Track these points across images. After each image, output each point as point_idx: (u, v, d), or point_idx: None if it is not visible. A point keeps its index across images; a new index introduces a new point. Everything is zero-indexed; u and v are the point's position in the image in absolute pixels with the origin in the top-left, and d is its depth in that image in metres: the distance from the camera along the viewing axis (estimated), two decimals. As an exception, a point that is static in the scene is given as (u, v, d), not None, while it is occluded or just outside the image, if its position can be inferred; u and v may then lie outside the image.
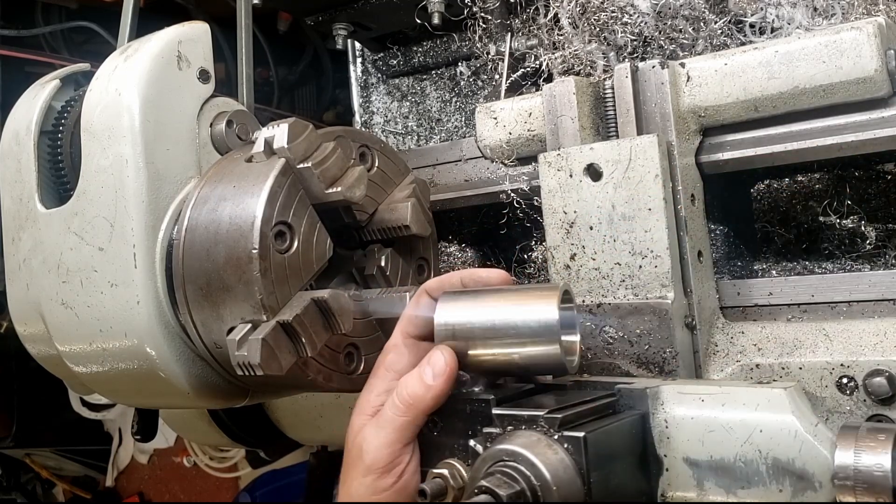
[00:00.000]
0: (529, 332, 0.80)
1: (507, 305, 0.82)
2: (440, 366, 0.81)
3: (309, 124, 0.91)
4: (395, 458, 0.82)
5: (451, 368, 0.82)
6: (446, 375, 0.81)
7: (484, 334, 0.82)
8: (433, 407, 0.82)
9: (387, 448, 0.81)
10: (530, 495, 0.69)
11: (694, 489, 0.77)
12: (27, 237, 1.08)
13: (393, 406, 0.82)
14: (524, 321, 0.80)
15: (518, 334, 0.80)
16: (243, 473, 3.05)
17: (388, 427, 0.82)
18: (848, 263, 1.03)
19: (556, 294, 0.80)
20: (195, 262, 0.90)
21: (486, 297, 0.84)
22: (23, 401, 2.70)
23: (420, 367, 0.83)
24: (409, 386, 0.82)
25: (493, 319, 0.82)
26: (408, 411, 0.81)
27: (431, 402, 0.81)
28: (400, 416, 0.82)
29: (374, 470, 0.81)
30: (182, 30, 1.01)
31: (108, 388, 1.08)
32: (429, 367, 0.82)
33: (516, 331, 0.80)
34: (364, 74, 1.60)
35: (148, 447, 3.21)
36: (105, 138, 0.97)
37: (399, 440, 0.82)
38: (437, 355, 0.82)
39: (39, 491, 3.31)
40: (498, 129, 1.13)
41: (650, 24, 1.08)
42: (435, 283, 0.89)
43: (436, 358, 0.82)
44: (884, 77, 0.89)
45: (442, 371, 0.81)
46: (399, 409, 0.82)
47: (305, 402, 1.46)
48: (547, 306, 0.79)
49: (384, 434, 0.82)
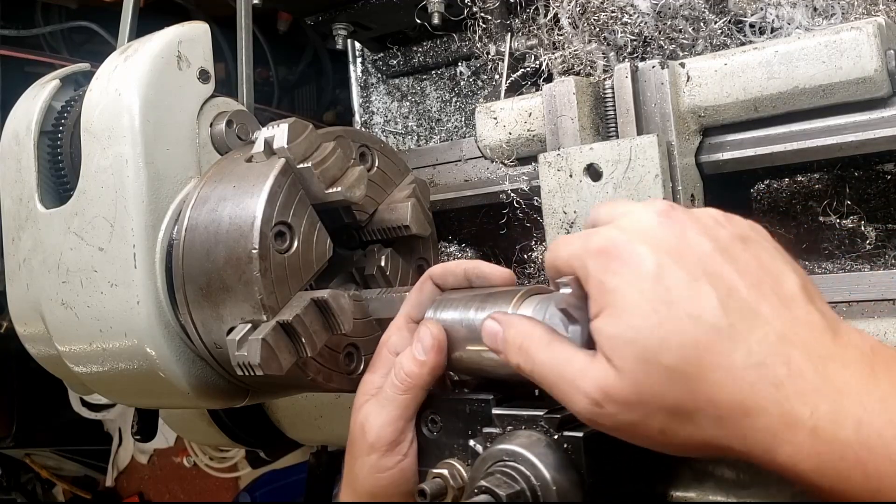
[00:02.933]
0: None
1: (475, 308, 0.83)
2: (427, 340, 0.83)
3: (309, 124, 0.91)
4: (399, 435, 0.83)
5: (438, 341, 0.83)
6: (436, 348, 0.83)
7: (466, 338, 0.83)
8: (431, 381, 0.83)
9: (390, 426, 0.83)
10: (530, 495, 0.69)
11: (694, 489, 0.77)
12: (27, 237, 1.08)
13: (392, 385, 0.84)
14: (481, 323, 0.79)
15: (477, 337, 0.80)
16: (243, 473, 3.05)
17: (389, 405, 0.84)
18: (848, 263, 1.03)
19: (515, 297, 0.80)
20: (195, 262, 0.90)
21: (472, 300, 0.84)
22: (23, 401, 2.70)
23: (412, 345, 0.84)
24: (404, 365, 0.83)
25: (462, 322, 0.83)
26: (407, 389, 0.83)
27: (428, 377, 0.83)
28: (400, 395, 0.83)
29: (378, 448, 0.83)
30: (182, 30, 1.01)
31: (108, 388, 1.08)
32: (418, 343, 0.83)
33: (476, 333, 0.80)
34: (364, 74, 1.60)
35: (148, 447, 3.21)
36: (105, 138, 0.97)
37: (401, 417, 0.84)
38: (424, 330, 0.84)
39: (39, 491, 3.31)
40: (498, 129, 1.13)
41: (650, 24, 1.08)
42: (439, 269, 0.90)
43: (423, 333, 0.84)
44: (884, 77, 0.89)
45: (431, 345, 0.83)
46: (398, 388, 0.83)
47: (305, 402, 1.46)
48: (502, 309, 0.79)
49: (386, 412, 0.84)
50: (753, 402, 0.59)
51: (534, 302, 0.79)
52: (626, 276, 0.64)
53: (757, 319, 0.62)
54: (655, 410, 0.63)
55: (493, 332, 0.75)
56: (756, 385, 0.59)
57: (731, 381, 0.60)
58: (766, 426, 0.59)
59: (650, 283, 0.63)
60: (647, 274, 0.63)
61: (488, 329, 0.76)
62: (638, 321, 0.62)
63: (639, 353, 0.62)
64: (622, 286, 0.64)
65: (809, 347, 0.61)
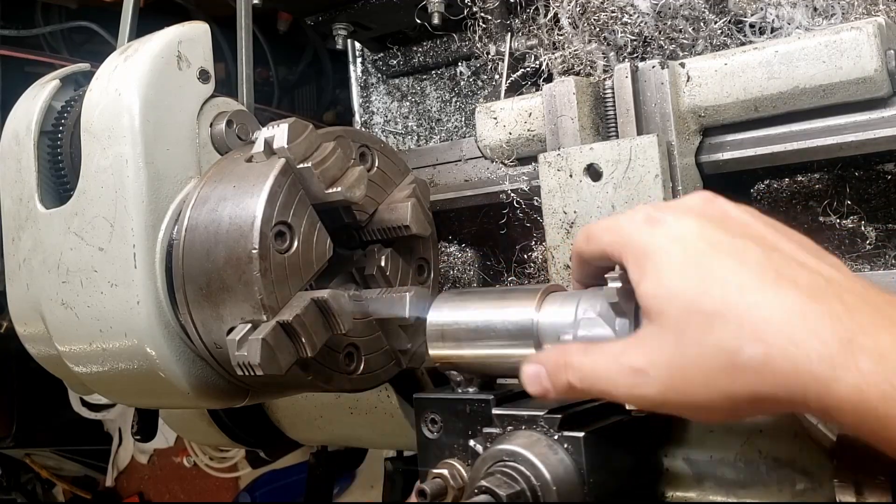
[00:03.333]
0: (507, 334, 0.79)
1: (491, 307, 0.81)
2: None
3: (309, 124, 0.91)
4: None
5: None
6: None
7: (469, 336, 0.82)
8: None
9: None
10: (530, 495, 0.69)
11: (694, 489, 0.77)
12: (27, 237, 1.08)
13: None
14: (502, 323, 0.79)
15: (498, 336, 0.80)
16: (243, 473, 3.05)
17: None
18: (848, 263, 1.03)
19: (536, 296, 0.79)
20: (195, 262, 0.90)
21: (476, 298, 0.84)
22: (23, 401, 2.70)
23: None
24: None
25: (477, 321, 0.82)
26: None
27: None
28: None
29: None
30: (182, 30, 1.01)
31: (108, 388, 1.08)
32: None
33: (496, 333, 0.80)
34: (364, 74, 1.60)
35: (148, 447, 3.21)
36: (105, 138, 0.97)
37: None
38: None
39: (39, 491, 3.31)
40: (498, 129, 1.13)
41: (650, 24, 1.08)
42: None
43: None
44: (884, 77, 0.89)
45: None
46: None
47: (305, 402, 1.46)
48: (524, 308, 0.78)
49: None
50: (807, 331, 0.56)
51: (557, 300, 0.78)
52: (668, 235, 0.64)
53: (803, 268, 0.60)
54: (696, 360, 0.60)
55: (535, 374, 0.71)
56: (809, 316, 0.57)
57: (780, 314, 0.57)
58: (824, 356, 0.56)
59: (693, 240, 0.63)
60: (691, 232, 0.63)
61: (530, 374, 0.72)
62: (678, 275, 0.61)
63: (681, 304, 0.61)
64: (665, 244, 0.63)
65: (861, 294, 0.59)
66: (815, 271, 0.61)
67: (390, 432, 1.38)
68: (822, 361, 0.56)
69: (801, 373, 0.56)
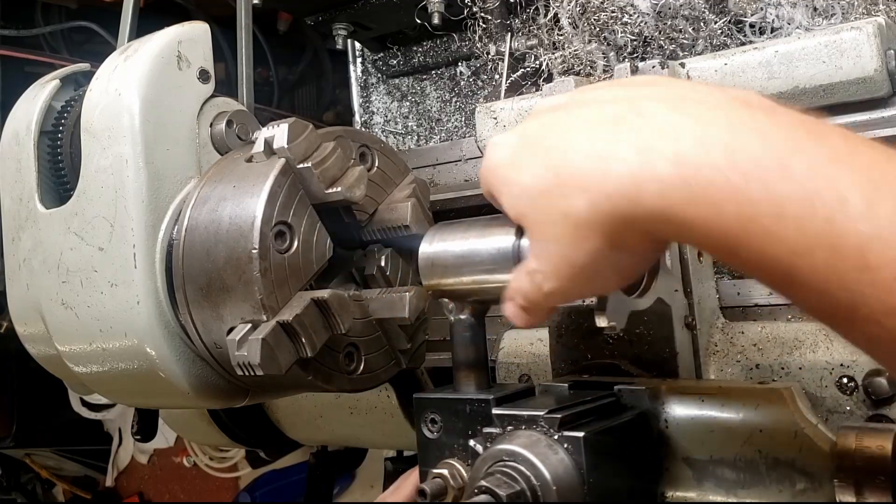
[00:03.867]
0: (490, 259, 0.78)
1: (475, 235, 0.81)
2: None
3: (309, 124, 0.91)
4: None
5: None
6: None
7: (456, 262, 0.81)
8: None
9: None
10: (530, 495, 0.69)
11: (694, 489, 0.77)
12: (27, 237, 1.08)
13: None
14: (486, 249, 0.79)
15: (482, 262, 0.79)
16: (243, 473, 3.05)
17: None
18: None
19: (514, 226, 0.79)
20: (195, 262, 0.90)
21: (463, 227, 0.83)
22: (23, 401, 2.70)
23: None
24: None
25: (463, 248, 0.81)
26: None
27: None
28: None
29: None
30: (182, 30, 1.01)
31: (108, 388, 1.08)
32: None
33: (480, 258, 0.79)
34: (364, 74, 1.60)
35: (148, 447, 3.21)
36: (105, 138, 0.97)
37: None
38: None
39: (39, 491, 3.31)
40: (498, 129, 1.13)
41: (650, 24, 1.08)
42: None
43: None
44: (884, 77, 0.89)
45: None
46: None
47: (305, 402, 1.46)
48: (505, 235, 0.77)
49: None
50: (608, 151, 0.57)
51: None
52: (495, 158, 0.69)
53: (612, 104, 0.61)
54: (554, 237, 0.63)
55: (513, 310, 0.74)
56: (609, 135, 0.58)
57: (585, 141, 0.59)
58: (624, 172, 0.56)
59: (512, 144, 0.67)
60: (509, 141, 0.68)
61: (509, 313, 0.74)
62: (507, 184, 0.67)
63: (521, 203, 0.66)
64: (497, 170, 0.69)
65: (672, 96, 0.59)
66: (624, 99, 0.61)
67: (390, 432, 1.38)
68: (625, 176, 0.56)
69: (611, 194, 0.57)
